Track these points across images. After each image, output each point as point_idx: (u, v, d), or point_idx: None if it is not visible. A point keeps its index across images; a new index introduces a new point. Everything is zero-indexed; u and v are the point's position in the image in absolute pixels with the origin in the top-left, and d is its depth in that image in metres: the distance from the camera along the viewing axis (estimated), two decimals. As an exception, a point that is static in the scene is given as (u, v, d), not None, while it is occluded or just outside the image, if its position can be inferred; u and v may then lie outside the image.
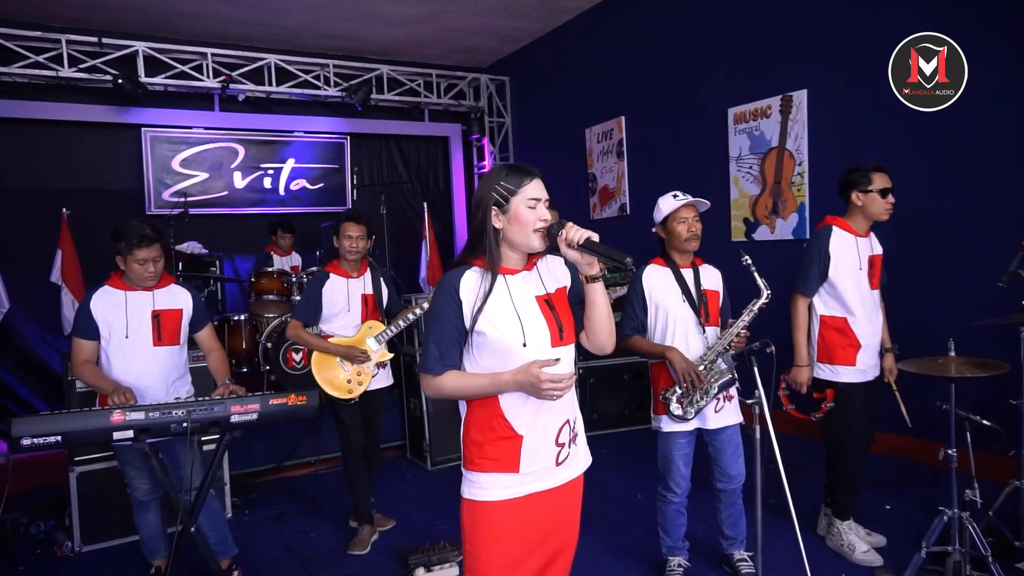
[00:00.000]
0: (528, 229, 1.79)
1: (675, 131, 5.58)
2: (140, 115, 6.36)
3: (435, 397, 1.82)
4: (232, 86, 6.49)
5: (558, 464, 1.86)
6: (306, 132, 7.26)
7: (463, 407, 1.90)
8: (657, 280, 2.91)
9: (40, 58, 5.74)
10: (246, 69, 6.61)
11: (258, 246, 6.52)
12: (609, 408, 5.41)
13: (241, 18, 6.20)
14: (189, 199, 6.20)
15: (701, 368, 2.75)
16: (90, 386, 2.89)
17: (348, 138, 7.44)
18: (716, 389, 2.73)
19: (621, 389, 5.41)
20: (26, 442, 2.32)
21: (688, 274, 2.89)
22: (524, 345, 1.77)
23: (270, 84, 6.74)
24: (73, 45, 5.87)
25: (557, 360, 1.75)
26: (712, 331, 2.83)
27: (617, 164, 6.28)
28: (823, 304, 3.05)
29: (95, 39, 5.87)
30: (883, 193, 2.93)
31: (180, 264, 5.42)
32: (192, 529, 2.70)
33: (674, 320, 2.85)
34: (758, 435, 2.49)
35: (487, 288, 1.82)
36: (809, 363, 3.05)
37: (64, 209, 5.64)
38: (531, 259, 1.91)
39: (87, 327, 2.90)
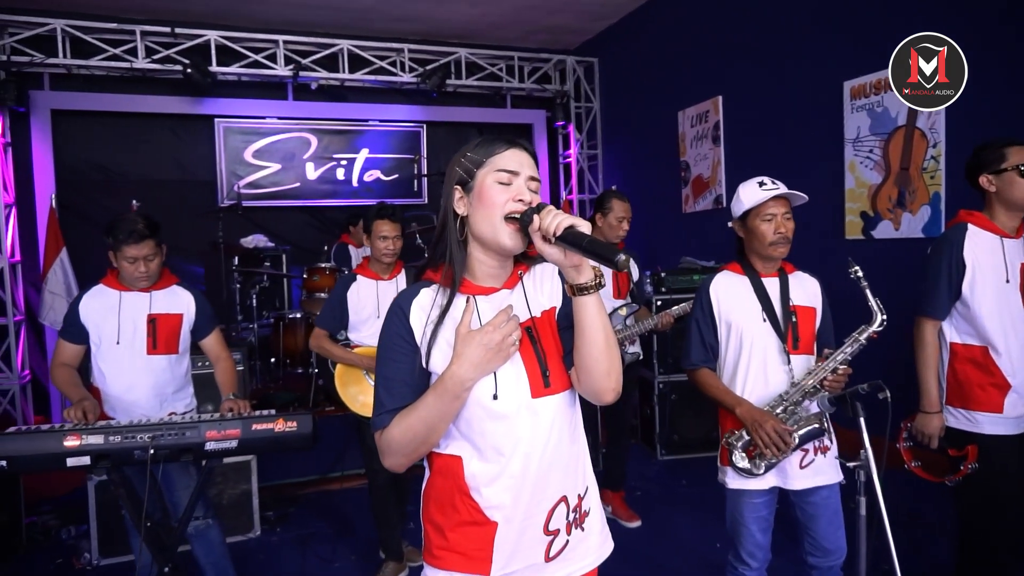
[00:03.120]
0: (495, 214, 1.27)
1: (780, 110, 4.78)
2: (213, 105, 6.26)
3: (394, 464, 1.31)
4: (305, 74, 6.27)
5: (549, 559, 1.32)
6: (380, 121, 6.97)
7: (426, 468, 1.40)
8: (729, 291, 2.27)
9: (118, 51, 5.72)
10: (319, 56, 6.37)
11: (331, 239, 6.27)
12: (692, 429, 4.73)
13: (312, 2, 5.95)
14: (259, 191, 6.05)
15: (779, 411, 2.09)
16: (61, 393, 2.61)
17: (424, 127, 7.09)
18: (796, 440, 2.06)
19: (707, 407, 4.67)
20: (-33, 467, 2.02)
21: (772, 285, 2.23)
22: (495, 397, 1.26)
23: (343, 71, 6.46)
24: (148, 37, 5.82)
25: (511, 307, 1.27)
26: (801, 361, 2.16)
27: (712, 150, 5.53)
28: (954, 329, 2.29)
29: (168, 29, 5.79)
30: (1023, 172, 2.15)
31: (236, 259, 5.22)
32: (167, 569, 2.34)
33: (749, 344, 2.20)
34: (863, 510, 1.82)
35: (441, 309, 1.31)
36: (941, 408, 2.30)
37: (134, 201, 5.59)
38: (516, 271, 1.38)
39: (72, 329, 2.62)
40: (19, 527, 3.51)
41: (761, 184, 2.19)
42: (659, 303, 4.57)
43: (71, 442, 2.10)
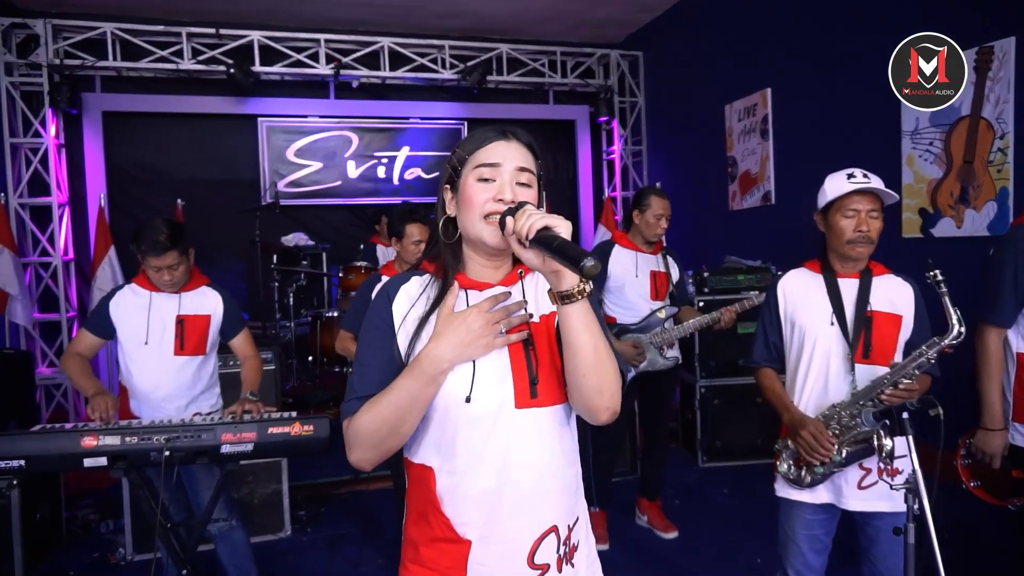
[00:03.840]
0: (475, 214, 1.17)
1: (831, 102, 4.53)
2: (257, 105, 6.33)
3: (359, 459, 1.21)
4: (346, 72, 6.27)
5: None
6: (421, 118, 6.93)
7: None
8: (799, 290, 2.13)
9: (165, 52, 5.83)
10: (360, 54, 6.37)
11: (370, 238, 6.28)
12: (736, 435, 4.53)
13: (354, 0, 5.94)
14: (301, 190, 6.09)
15: (833, 423, 1.94)
16: (72, 383, 2.61)
17: (465, 123, 7.02)
18: (843, 456, 1.90)
19: (752, 412, 4.51)
20: (-14, 465, 2.03)
21: (850, 287, 2.06)
22: (468, 400, 1.16)
23: (384, 69, 6.44)
24: (194, 38, 5.91)
25: (508, 294, 1.18)
26: (869, 371, 1.98)
27: (761, 145, 5.30)
28: (1021, 338, 2.09)
29: (213, 30, 5.87)
30: None
31: (275, 257, 5.25)
32: (185, 572, 2.32)
33: (811, 347, 2.06)
34: (911, 537, 1.65)
35: (429, 303, 1.22)
36: (1005, 425, 2.10)
37: (179, 200, 5.70)
38: (516, 270, 1.28)
39: (99, 322, 2.62)
40: (59, 521, 3.58)
41: (850, 176, 2.02)
42: (701, 304, 4.39)
43: (88, 442, 2.09)
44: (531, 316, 1.21)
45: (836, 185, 2.03)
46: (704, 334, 4.20)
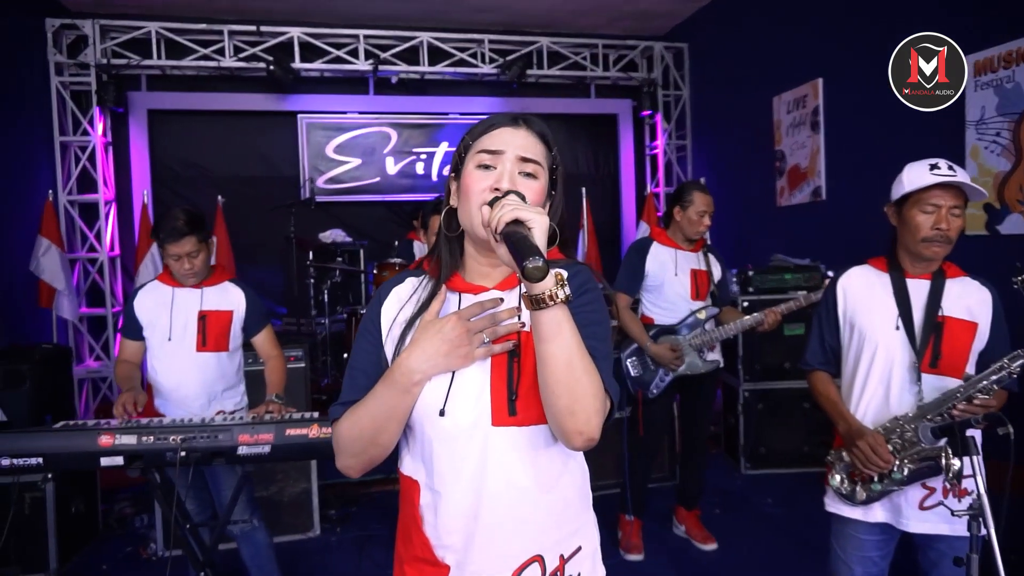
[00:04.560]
0: (472, 206, 1.08)
1: (888, 90, 4.26)
2: (297, 102, 6.36)
3: (345, 466, 1.14)
4: (385, 68, 6.24)
5: None
6: (460, 114, 6.86)
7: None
8: (862, 289, 1.96)
9: (208, 50, 5.88)
10: (399, 49, 6.33)
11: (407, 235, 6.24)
12: (781, 442, 4.33)
13: (391, -7, 5.91)
14: (340, 186, 6.08)
15: (894, 436, 1.78)
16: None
17: (505, 119, 6.91)
18: (905, 474, 1.73)
19: (799, 418, 4.30)
20: (5, 462, 2.01)
21: (919, 288, 1.89)
22: (441, 413, 1.07)
23: (423, 64, 6.39)
24: (236, 36, 5.95)
25: (499, 301, 1.08)
26: (937, 382, 1.81)
27: (811, 138, 5.06)
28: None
29: (254, 27, 5.90)
30: None
31: (311, 253, 5.24)
32: (203, 575, 2.28)
33: (871, 353, 1.90)
34: (975, 570, 1.48)
35: (416, 306, 1.14)
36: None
37: (219, 196, 5.75)
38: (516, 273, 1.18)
39: (129, 325, 2.62)
40: (95, 514, 3.61)
41: (933, 167, 1.84)
42: (745, 304, 4.20)
43: (105, 441, 2.06)
44: (524, 325, 1.10)
45: (916, 176, 1.84)
46: (748, 335, 4.00)
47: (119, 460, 2.06)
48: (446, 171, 6.76)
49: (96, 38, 5.57)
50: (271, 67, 5.75)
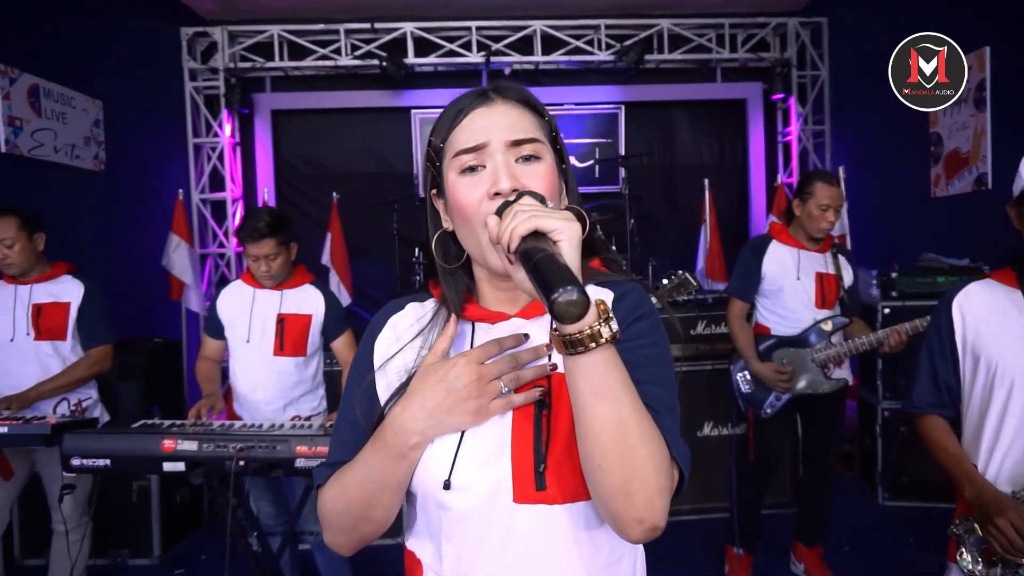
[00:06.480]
0: (474, 223, 0.83)
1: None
2: (411, 97, 6.36)
3: (334, 543, 0.95)
4: (497, 59, 6.11)
5: None
6: (576, 104, 6.58)
7: None
8: (984, 310, 1.56)
9: (326, 50, 6.02)
10: (511, 39, 6.17)
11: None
12: (929, 471, 3.72)
13: (503, -17, 5.75)
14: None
15: None
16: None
17: (622, 108, 6.57)
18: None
19: (952, 448, 3.68)
20: (76, 462, 2.03)
21: None
22: (447, 486, 0.82)
23: (537, 54, 6.19)
24: (352, 35, 6.05)
25: (523, 337, 0.85)
26: None
27: (974, 117, 4.35)
28: None
29: (368, 25, 5.96)
30: None
31: (417, 250, 5.21)
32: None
33: (1005, 392, 1.50)
34: None
35: (421, 341, 0.91)
36: None
37: (334, 193, 5.86)
38: None
39: (211, 324, 2.63)
40: (201, 504, 3.74)
41: None
42: (886, 311, 3.66)
43: (168, 446, 2.03)
44: (554, 367, 0.85)
45: None
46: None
47: (180, 466, 2.03)
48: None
49: (224, 44, 5.85)
50: (384, 64, 5.77)
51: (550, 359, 0.86)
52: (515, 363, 0.84)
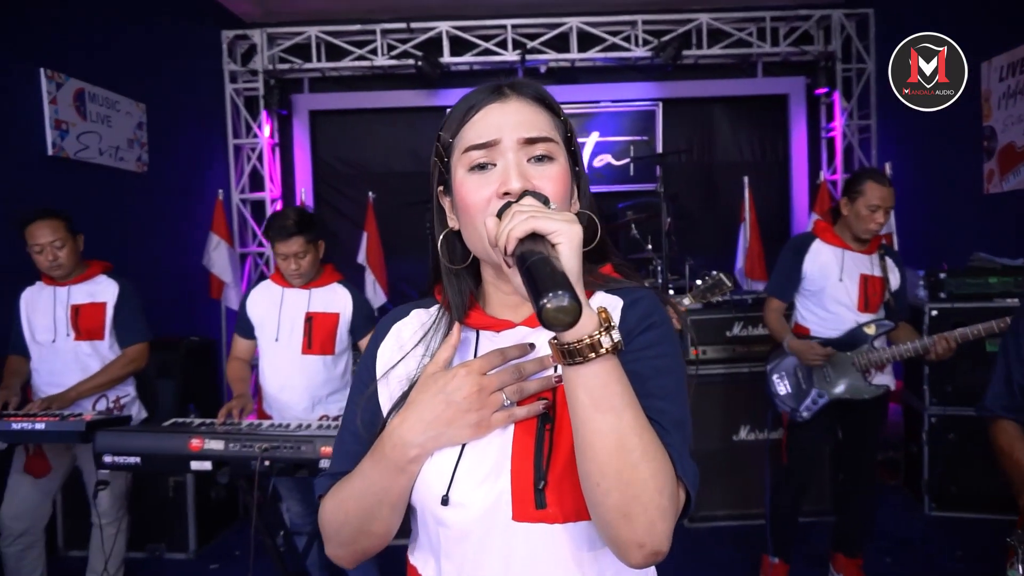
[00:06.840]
0: (478, 223, 0.80)
1: None
2: (447, 96, 6.35)
3: (335, 556, 0.93)
4: (532, 57, 6.07)
5: None
6: (612, 101, 6.50)
7: None
8: None
9: (363, 51, 6.06)
10: (547, 37, 6.13)
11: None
12: (977, 480, 3.58)
13: (538, -20, 5.71)
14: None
15: None
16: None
17: (660, 104, 6.47)
18: None
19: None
20: (108, 459, 2.07)
21: None
22: (444, 502, 0.79)
23: (572, 51, 6.14)
24: (388, 35, 6.08)
25: (529, 347, 0.82)
26: None
27: (1032, 110, 4.15)
28: None
29: (404, 25, 5.98)
30: None
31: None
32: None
33: None
34: None
35: (427, 349, 0.89)
36: None
37: (370, 192, 5.90)
38: None
39: (241, 323, 2.67)
40: (236, 499, 3.79)
41: None
42: (933, 313, 3.51)
43: (195, 444, 2.05)
44: (560, 379, 0.81)
45: None
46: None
47: (207, 465, 2.05)
48: (598, 162, 6.52)
49: (263, 46, 5.93)
50: (419, 63, 5.79)
51: (556, 370, 0.82)
52: (519, 374, 0.81)
